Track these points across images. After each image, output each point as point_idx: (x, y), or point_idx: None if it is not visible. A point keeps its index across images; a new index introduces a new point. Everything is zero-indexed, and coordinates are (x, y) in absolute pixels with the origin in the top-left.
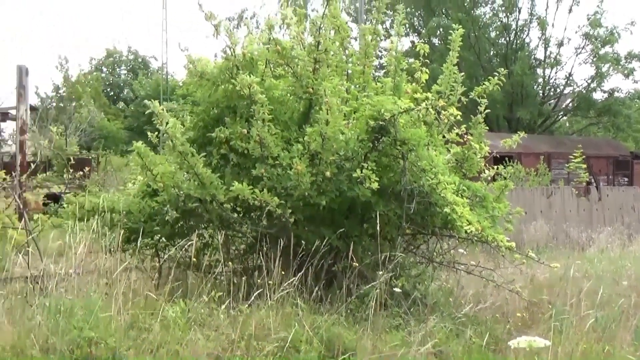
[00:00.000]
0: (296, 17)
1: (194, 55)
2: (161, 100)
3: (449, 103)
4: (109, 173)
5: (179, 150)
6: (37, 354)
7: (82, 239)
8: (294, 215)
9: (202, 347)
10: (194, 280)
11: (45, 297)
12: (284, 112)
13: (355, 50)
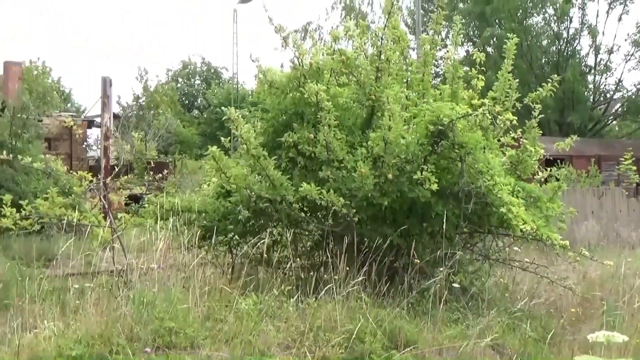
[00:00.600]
0: (359, 28)
1: (264, 66)
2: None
3: (504, 108)
4: (184, 175)
5: (252, 153)
6: (123, 342)
7: (162, 236)
8: (358, 215)
9: (273, 337)
10: (264, 275)
11: (129, 289)
12: (348, 118)
13: (414, 59)
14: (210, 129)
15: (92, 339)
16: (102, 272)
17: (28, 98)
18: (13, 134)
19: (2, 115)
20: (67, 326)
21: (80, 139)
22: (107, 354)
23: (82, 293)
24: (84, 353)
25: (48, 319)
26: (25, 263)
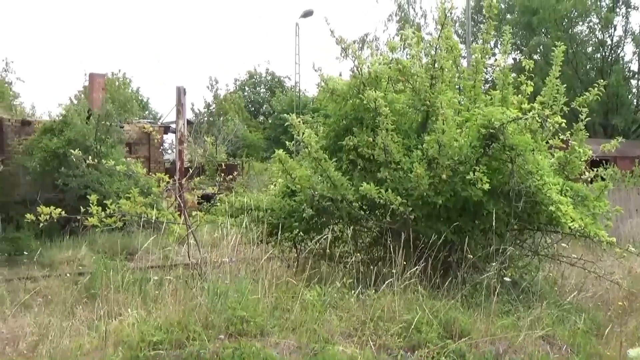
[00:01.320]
0: (415, 38)
1: (326, 75)
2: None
3: (552, 112)
4: (251, 176)
5: (313, 156)
6: (199, 329)
7: (233, 232)
8: (414, 213)
9: (336, 326)
10: (326, 268)
11: (204, 281)
12: (404, 122)
13: (464, 67)
14: (275, 133)
15: (170, 326)
16: (178, 265)
17: (111, 107)
18: (98, 140)
19: (88, 123)
20: (148, 314)
21: (158, 143)
22: (184, 340)
23: (160, 284)
24: (164, 339)
25: (131, 307)
26: (109, 256)
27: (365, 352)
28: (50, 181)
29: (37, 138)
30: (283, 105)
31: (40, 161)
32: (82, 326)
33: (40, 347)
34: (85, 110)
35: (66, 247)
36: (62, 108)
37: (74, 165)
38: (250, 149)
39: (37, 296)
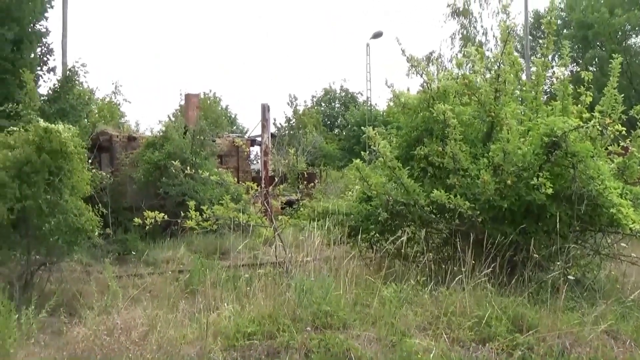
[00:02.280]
0: (478, 55)
1: (397, 90)
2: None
3: (612, 120)
4: (328, 184)
5: (388, 165)
6: (288, 322)
7: (316, 234)
8: (481, 216)
9: (411, 320)
10: (401, 267)
11: (289, 278)
12: (471, 132)
13: (524, 80)
14: (349, 144)
15: (262, 319)
16: (266, 264)
17: (204, 123)
18: (193, 152)
19: (185, 138)
20: (242, 308)
21: (245, 155)
22: (275, 331)
23: (250, 281)
24: (257, 330)
25: (227, 301)
26: (204, 256)
27: (440, 344)
28: (153, 190)
29: (142, 152)
30: (356, 119)
31: (144, 172)
32: (184, 318)
33: (150, 336)
34: (182, 126)
35: (167, 247)
36: (162, 125)
37: (173, 175)
38: (326, 159)
39: (145, 291)
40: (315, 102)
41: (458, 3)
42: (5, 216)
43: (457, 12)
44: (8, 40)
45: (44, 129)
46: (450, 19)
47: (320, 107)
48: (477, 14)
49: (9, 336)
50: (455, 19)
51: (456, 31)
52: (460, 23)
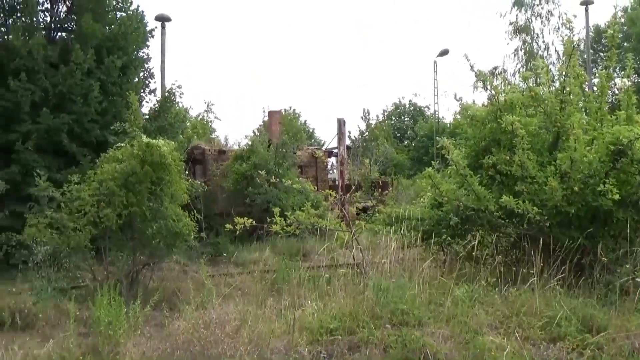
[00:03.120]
0: (544, 68)
1: (466, 104)
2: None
3: None
4: (399, 191)
5: (460, 172)
6: (367, 319)
7: (391, 238)
8: (549, 221)
9: (483, 319)
10: (471, 269)
11: (366, 279)
12: (537, 142)
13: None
14: (418, 154)
15: (343, 316)
16: (343, 265)
17: (286, 137)
18: (276, 164)
19: (269, 150)
20: (324, 305)
21: (323, 165)
22: (355, 327)
23: (330, 280)
24: (339, 326)
25: (310, 299)
26: (287, 257)
27: (512, 342)
28: (241, 197)
29: (231, 164)
30: (424, 131)
31: (233, 182)
32: (272, 314)
33: (242, 330)
34: (266, 140)
35: (254, 250)
36: (248, 139)
37: (258, 184)
38: (397, 168)
39: (235, 289)
40: (386, 116)
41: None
42: (114, 221)
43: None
44: (116, 66)
45: (146, 144)
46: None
47: (391, 120)
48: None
49: (119, 327)
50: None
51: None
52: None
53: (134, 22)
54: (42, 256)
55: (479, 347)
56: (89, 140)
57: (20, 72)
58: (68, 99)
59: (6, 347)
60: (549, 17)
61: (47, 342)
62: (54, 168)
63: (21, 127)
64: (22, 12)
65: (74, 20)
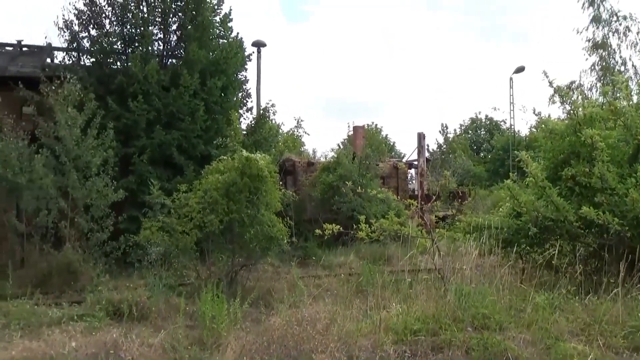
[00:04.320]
0: (624, 82)
1: (544, 118)
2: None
3: None
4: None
5: (539, 184)
6: (449, 322)
7: (471, 245)
8: (630, 231)
9: (564, 326)
10: (549, 277)
11: (446, 284)
12: (617, 154)
13: None
14: (494, 166)
15: (426, 318)
16: (422, 270)
17: (369, 150)
18: (360, 175)
19: (353, 163)
20: (408, 307)
21: (404, 176)
22: (438, 329)
23: (411, 284)
24: (422, 328)
25: (394, 301)
26: (370, 262)
27: (594, 349)
28: (328, 206)
29: (318, 175)
30: (501, 144)
31: (320, 191)
32: (358, 314)
33: (331, 328)
34: (350, 153)
35: (339, 254)
36: (334, 152)
37: (344, 194)
38: (474, 179)
39: (323, 290)
40: (463, 130)
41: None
42: (216, 226)
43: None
44: (218, 88)
45: (246, 157)
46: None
47: (468, 134)
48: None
49: (221, 322)
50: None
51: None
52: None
53: (234, 48)
54: (154, 256)
55: (560, 353)
56: (194, 154)
57: (137, 95)
58: (177, 118)
59: (125, 335)
60: (627, 33)
61: (159, 333)
62: (164, 178)
63: (138, 142)
64: (140, 42)
65: (182, 47)
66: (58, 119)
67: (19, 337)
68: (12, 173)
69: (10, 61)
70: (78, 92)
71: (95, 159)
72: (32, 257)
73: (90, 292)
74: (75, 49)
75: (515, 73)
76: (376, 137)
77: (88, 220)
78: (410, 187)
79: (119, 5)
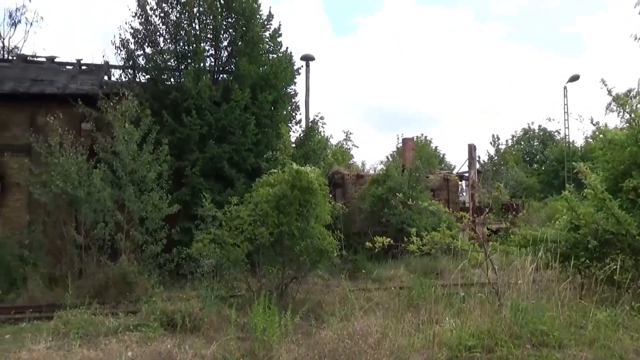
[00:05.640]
0: None
1: (602, 127)
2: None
3: None
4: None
5: (599, 197)
6: (505, 338)
7: (526, 259)
8: None
9: (628, 344)
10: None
11: (500, 298)
12: None
13: None
14: (548, 178)
15: (481, 334)
16: (475, 284)
17: (419, 162)
18: (410, 187)
19: (403, 175)
20: (463, 322)
21: (455, 188)
22: (493, 345)
23: (463, 298)
24: (477, 344)
25: (447, 316)
26: (421, 275)
27: None
28: (377, 218)
29: (368, 187)
30: (555, 155)
31: (370, 204)
32: (411, 329)
33: (383, 342)
34: (400, 165)
35: (389, 267)
36: (383, 165)
37: (393, 206)
38: (527, 191)
39: (374, 303)
40: (515, 141)
41: None
42: (267, 238)
43: None
44: (268, 102)
45: (296, 170)
46: None
47: (520, 145)
48: None
49: (273, 334)
50: None
51: None
52: None
53: (283, 63)
54: (206, 268)
55: None
56: (245, 167)
57: (191, 110)
58: (228, 132)
59: (179, 346)
60: None
61: (211, 344)
62: (216, 191)
63: (191, 156)
64: (192, 59)
65: (233, 63)
66: (116, 135)
67: (78, 346)
68: (72, 187)
69: (70, 79)
70: (135, 108)
71: (151, 174)
72: (89, 268)
73: (145, 302)
74: (131, 67)
75: (570, 82)
76: (426, 149)
77: (143, 233)
78: (461, 200)
79: (172, 23)
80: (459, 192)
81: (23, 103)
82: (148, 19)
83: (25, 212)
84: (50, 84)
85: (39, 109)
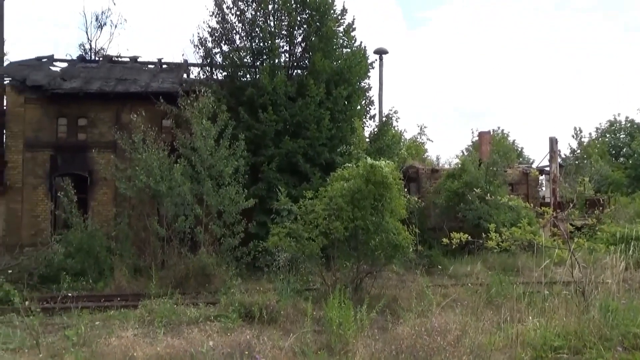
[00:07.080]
0: None
1: None
2: None
3: None
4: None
5: None
6: (594, 340)
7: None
8: None
9: None
10: None
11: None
12: None
13: None
14: (635, 172)
15: (567, 334)
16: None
17: (496, 156)
18: (487, 182)
19: (479, 169)
20: (547, 322)
21: (534, 183)
22: (581, 347)
23: (546, 297)
24: (563, 345)
25: (530, 315)
26: (500, 272)
27: None
28: (453, 213)
29: (443, 182)
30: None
31: (445, 199)
32: (491, 327)
33: (462, 340)
34: (476, 159)
35: (465, 263)
36: (459, 159)
37: (469, 201)
38: (613, 186)
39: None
40: (600, 134)
41: None
42: (342, 233)
43: None
44: (342, 97)
45: (370, 165)
46: None
47: (605, 138)
48: None
49: (349, 328)
50: None
51: None
52: None
53: (357, 57)
54: (282, 261)
55: None
56: (319, 162)
57: (267, 106)
58: (303, 127)
59: (257, 337)
60: None
61: (288, 336)
62: (291, 185)
63: (266, 152)
64: (267, 55)
65: (307, 58)
66: (194, 131)
67: (162, 334)
68: (154, 181)
69: (152, 78)
70: (212, 105)
71: (228, 168)
72: (171, 259)
73: (224, 294)
74: (208, 64)
75: None
76: (503, 142)
77: (221, 226)
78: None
79: (248, 21)
80: (539, 186)
81: (109, 102)
82: (225, 17)
83: (112, 205)
84: (133, 83)
85: (123, 107)
